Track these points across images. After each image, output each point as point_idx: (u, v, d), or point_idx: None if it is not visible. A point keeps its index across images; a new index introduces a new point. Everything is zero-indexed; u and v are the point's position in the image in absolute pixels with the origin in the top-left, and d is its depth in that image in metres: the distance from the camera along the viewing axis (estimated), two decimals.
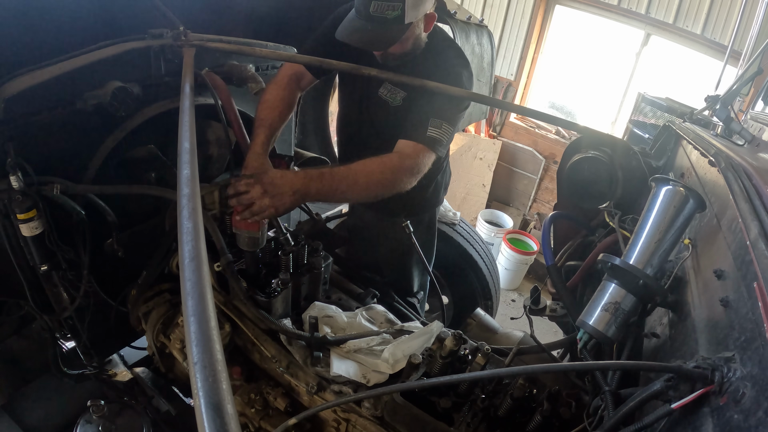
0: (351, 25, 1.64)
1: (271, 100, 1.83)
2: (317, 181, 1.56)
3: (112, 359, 2.24)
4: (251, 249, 1.68)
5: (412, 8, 1.58)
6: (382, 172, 1.65)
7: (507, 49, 5.59)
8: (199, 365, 0.63)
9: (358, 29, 1.62)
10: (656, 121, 4.01)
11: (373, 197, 1.68)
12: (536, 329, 1.74)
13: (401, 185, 1.68)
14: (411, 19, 1.60)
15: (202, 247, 0.84)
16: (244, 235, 1.64)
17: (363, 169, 1.64)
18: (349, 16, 1.66)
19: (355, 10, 1.62)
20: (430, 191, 2.32)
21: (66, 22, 1.62)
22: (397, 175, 1.66)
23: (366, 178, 1.62)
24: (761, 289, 0.80)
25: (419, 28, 1.70)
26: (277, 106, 1.82)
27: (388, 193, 1.67)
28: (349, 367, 1.54)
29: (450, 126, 1.73)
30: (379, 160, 1.68)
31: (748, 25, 3.60)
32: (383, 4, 1.55)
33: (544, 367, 1.17)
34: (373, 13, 1.57)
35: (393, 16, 1.57)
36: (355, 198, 1.66)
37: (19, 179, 1.43)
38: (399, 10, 1.56)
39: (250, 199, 1.51)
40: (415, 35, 1.71)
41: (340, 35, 1.65)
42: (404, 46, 1.71)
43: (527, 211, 5.86)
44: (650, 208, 1.27)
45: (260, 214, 1.53)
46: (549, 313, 1.91)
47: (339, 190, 1.58)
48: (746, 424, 0.68)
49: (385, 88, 1.89)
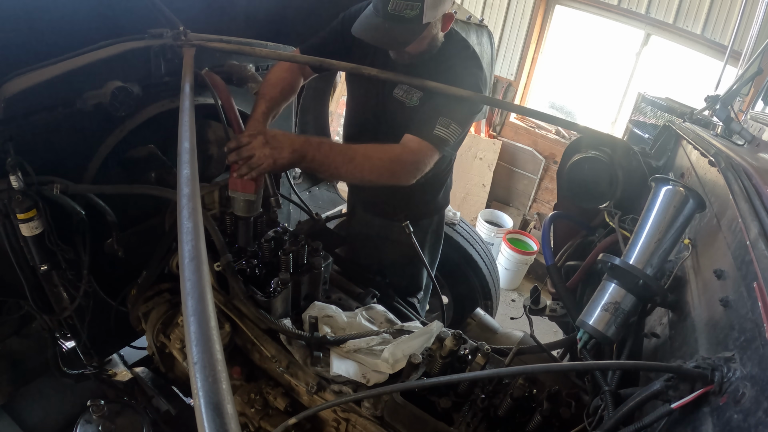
0: (368, 22, 1.63)
1: (273, 79, 1.85)
2: (315, 147, 1.58)
3: (112, 359, 2.24)
4: (245, 214, 1.68)
5: (430, 8, 1.57)
6: (381, 159, 1.66)
7: (507, 49, 5.59)
8: (199, 365, 0.63)
9: (376, 27, 1.61)
10: (656, 121, 4.01)
11: (366, 180, 1.69)
12: (536, 329, 1.74)
13: (397, 177, 1.68)
14: (429, 19, 1.59)
15: (202, 247, 0.84)
16: (240, 198, 1.65)
17: (363, 150, 1.66)
18: (366, 13, 1.65)
19: (373, 8, 1.61)
20: (441, 195, 2.31)
21: (66, 22, 1.62)
22: (394, 165, 1.66)
23: (363, 159, 1.63)
24: (761, 289, 0.80)
25: (436, 28, 1.69)
26: (278, 84, 1.84)
27: (381, 181, 1.67)
28: (349, 366, 1.54)
29: (458, 127, 1.72)
30: (381, 147, 1.69)
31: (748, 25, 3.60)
32: (402, 3, 1.54)
33: (544, 367, 1.17)
34: (392, 11, 1.56)
35: (411, 16, 1.56)
36: (347, 175, 1.65)
37: (19, 179, 1.43)
38: (418, 9, 1.55)
39: (251, 150, 1.52)
40: (432, 35, 1.70)
41: (357, 32, 1.64)
42: (420, 45, 1.70)
43: (527, 211, 5.86)
44: (650, 208, 1.27)
45: (259, 167, 1.54)
46: (549, 313, 1.91)
47: (334, 162, 1.60)
48: (746, 424, 0.68)
49: (400, 88, 1.87)
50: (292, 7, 2.50)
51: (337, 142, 1.74)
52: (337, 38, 1.89)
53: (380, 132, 2.01)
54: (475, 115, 1.87)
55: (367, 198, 2.38)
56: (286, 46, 2.18)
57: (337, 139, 3.50)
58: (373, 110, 2.01)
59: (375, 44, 1.67)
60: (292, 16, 2.52)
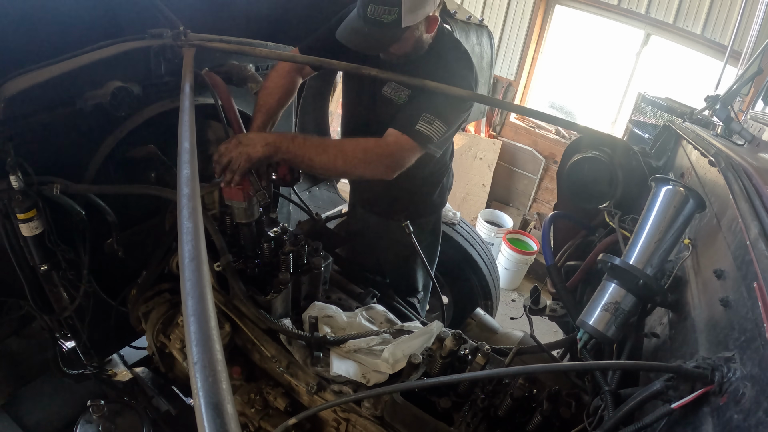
0: (350, 26, 1.66)
1: (270, 87, 1.90)
2: (289, 140, 1.64)
3: (112, 359, 2.24)
4: (242, 220, 1.73)
5: (409, 12, 1.59)
6: (353, 150, 1.68)
7: (507, 49, 5.59)
8: (199, 365, 0.63)
9: (356, 31, 1.64)
10: (656, 121, 4.01)
11: (341, 171, 1.77)
12: (536, 329, 1.74)
13: (371, 168, 1.70)
14: (408, 23, 1.61)
15: (202, 247, 0.84)
16: (234, 206, 1.70)
17: (337, 143, 1.74)
18: (350, 16, 1.67)
19: (356, 11, 1.64)
20: (437, 194, 2.31)
21: (66, 22, 1.62)
22: (367, 156, 1.69)
23: (335, 150, 1.68)
24: (761, 289, 0.80)
25: (419, 30, 1.70)
26: (275, 92, 1.89)
27: (356, 172, 1.71)
28: (349, 367, 1.54)
29: (443, 124, 1.72)
30: (356, 139, 1.74)
31: (748, 25, 3.60)
32: (380, 9, 1.57)
33: (544, 367, 1.17)
34: (371, 15, 1.58)
35: (389, 20, 1.58)
36: (321, 166, 1.68)
37: (19, 179, 1.43)
38: (395, 14, 1.57)
39: (227, 155, 1.58)
40: (415, 37, 1.71)
41: (340, 35, 1.68)
42: (404, 47, 1.72)
43: (527, 211, 5.86)
44: (650, 208, 1.27)
45: (238, 168, 1.58)
46: (549, 313, 1.90)
47: (308, 153, 1.64)
48: (746, 424, 0.68)
49: (389, 86, 1.90)
50: (292, 7, 2.50)
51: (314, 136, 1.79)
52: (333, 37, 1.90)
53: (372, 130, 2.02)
54: (464, 114, 1.88)
55: (365, 196, 2.39)
56: (286, 46, 2.18)
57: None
58: (365, 108, 2.04)
59: (355, 48, 1.70)
60: (292, 16, 2.52)
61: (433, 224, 2.44)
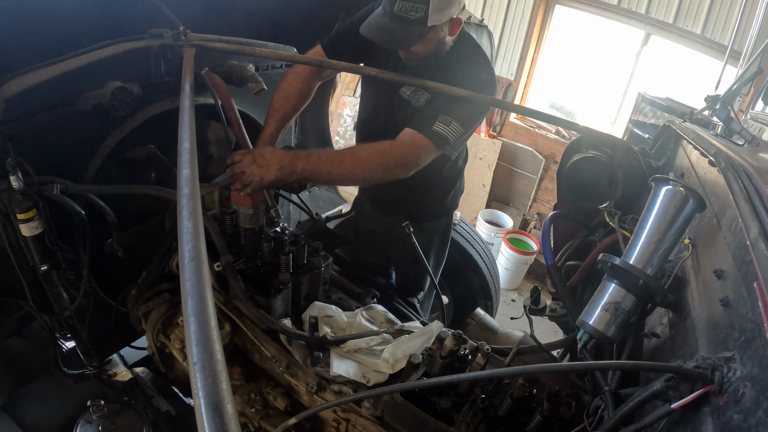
0: (375, 21, 1.65)
1: (288, 90, 1.88)
2: (304, 159, 1.62)
3: (112, 359, 2.23)
4: (247, 225, 1.74)
5: (436, 11, 1.59)
6: (369, 155, 1.68)
7: (507, 49, 5.58)
8: (199, 365, 0.63)
9: (382, 26, 1.64)
10: (656, 121, 4.01)
11: (361, 180, 1.75)
12: (536, 329, 1.74)
13: (390, 170, 1.69)
14: (434, 22, 1.61)
15: (202, 247, 0.84)
16: (240, 211, 1.72)
17: (351, 152, 1.70)
18: (376, 12, 1.67)
19: (382, 8, 1.64)
20: (450, 197, 2.31)
21: (66, 22, 1.62)
22: (383, 159, 1.68)
23: (351, 160, 1.66)
24: (761, 289, 0.80)
25: (443, 31, 1.70)
26: (292, 97, 1.88)
27: (376, 176, 1.70)
28: (349, 367, 1.54)
29: (460, 126, 1.72)
30: (370, 145, 1.72)
31: (748, 25, 3.60)
32: (407, 5, 1.57)
33: (544, 367, 1.17)
34: (398, 12, 1.58)
35: (416, 18, 1.58)
36: (340, 178, 1.69)
37: (19, 179, 1.43)
38: (423, 12, 1.57)
39: (241, 167, 1.60)
40: (438, 38, 1.71)
41: (364, 30, 1.67)
42: (427, 47, 1.72)
43: (527, 211, 5.86)
44: (650, 208, 1.27)
45: (250, 184, 1.60)
46: (549, 313, 1.90)
47: (325, 169, 1.63)
48: (746, 424, 0.68)
49: (407, 88, 1.88)
50: (292, 7, 2.50)
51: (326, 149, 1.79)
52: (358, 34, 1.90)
53: (389, 132, 2.01)
54: (481, 117, 1.87)
55: (373, 194, 2.39)
56: (286, 46, 2.18)
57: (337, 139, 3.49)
58: (383, 110, 2.03)
59: (380, 44, 1.69)
60: (292, 16, 2.52)
61: (444, 228, 2.45)
